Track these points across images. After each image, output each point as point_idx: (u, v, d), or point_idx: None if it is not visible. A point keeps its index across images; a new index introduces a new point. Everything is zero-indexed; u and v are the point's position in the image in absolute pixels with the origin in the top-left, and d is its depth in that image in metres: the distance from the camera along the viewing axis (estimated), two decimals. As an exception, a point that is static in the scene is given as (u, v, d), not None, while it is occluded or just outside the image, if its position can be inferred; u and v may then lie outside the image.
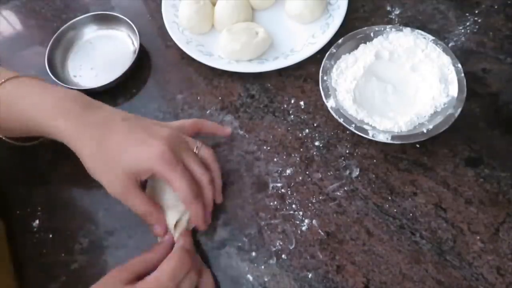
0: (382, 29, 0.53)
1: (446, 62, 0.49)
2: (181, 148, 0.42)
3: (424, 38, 0.51)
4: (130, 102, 0.57)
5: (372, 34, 0.53)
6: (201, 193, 0.42)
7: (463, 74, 0.48)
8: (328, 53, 0.52)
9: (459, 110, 0.46)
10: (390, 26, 0.53)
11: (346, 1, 0.59)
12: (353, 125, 0.47)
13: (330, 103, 0.49)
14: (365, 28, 0.54)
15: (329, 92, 0.50)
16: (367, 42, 0.53)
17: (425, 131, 0.45)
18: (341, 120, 0.47)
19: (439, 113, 0.47)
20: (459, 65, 0.48)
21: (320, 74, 0.51)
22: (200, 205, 0.42)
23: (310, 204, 0.46)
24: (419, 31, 0.52)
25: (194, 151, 0.44)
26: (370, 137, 0.46)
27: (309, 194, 0.46)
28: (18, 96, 0.44)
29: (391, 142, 0.45)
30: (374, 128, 0.47)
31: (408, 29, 0.52)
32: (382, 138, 0.46)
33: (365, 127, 0.47)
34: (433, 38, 0.51)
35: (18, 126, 0.45)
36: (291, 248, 0.44)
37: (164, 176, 0.40)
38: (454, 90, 0.47)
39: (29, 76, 0.45)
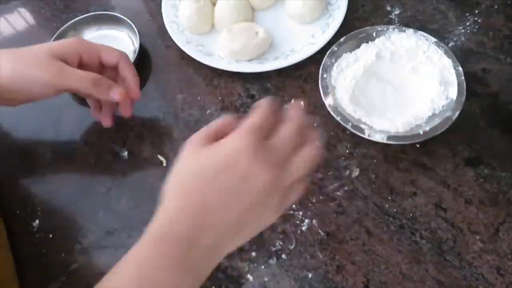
0: (385, 29, 0.53)
1: (447, 65, 0.49)
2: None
3: (426, 40, 0.51)
4: (130, 102, 0.57)
5: (374, 34, 0.53)
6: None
7: (463, 77, 0.48)
8: (329, 51, 0.52)
9: (457, 113, 0.45)
10: (393, 26, 0.53)
11: (346, 1, 0.59)
12: (350, 124, 0.47)
13: (328, 101, 0.49)
14: (368, 27, 0.54)
15: (328, 90, 0.50)
16: (369, 42, 0.53)
17: (421, 132, 0.45)
18: (338, 118, 0.47)
19: (437, 115, 0.47)
20: (460, 68, 0.48)
21: (320, 71, 0.51)
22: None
23: (310, 204, 0.46)
24: (422, 32, 0.52)
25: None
26: (366, 136, 0.46)
27: (309, 194, 0.46)
28: None
29: (387, 142, 0.45)
30: (371, 127, 0.47)
31: (411, 30, 0.52)
32: (378, 138, 0.46)
33: (362, 126, 0.47)
34: (435, 40, 0.51)
35: None
36: (291, 248, 0.44)
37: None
38: (453, 93, 0.47)
39: None
